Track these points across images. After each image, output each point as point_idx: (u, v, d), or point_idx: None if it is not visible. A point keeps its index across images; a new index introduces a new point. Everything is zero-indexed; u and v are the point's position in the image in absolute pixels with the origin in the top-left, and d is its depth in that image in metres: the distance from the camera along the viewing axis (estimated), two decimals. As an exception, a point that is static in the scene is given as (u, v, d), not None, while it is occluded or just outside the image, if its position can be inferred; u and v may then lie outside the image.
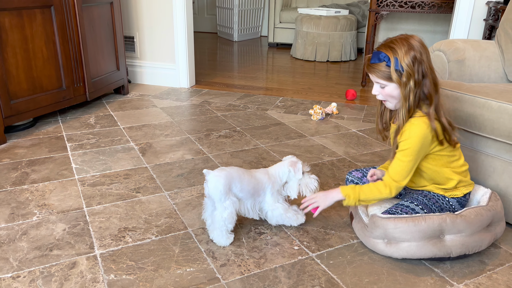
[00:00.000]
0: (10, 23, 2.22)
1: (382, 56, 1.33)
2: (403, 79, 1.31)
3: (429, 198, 1.48)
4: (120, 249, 1.44)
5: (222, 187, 1.41)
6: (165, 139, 2.41)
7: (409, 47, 1.30)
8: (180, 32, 3.33)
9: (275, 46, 5.79)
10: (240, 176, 1.47)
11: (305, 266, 1.38)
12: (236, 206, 1.45)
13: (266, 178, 1.52)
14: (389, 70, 1.32)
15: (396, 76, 1.31)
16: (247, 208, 1.51)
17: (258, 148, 2.30)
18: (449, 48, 1.93)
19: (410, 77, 1.30)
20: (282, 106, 3.07)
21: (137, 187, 1.86)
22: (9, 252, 1.41)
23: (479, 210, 1.42)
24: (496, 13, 2.59)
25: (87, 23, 2.70)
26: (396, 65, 1.31)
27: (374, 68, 1.35)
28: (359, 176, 1.69)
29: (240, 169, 1.51)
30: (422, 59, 1.31)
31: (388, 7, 3.54)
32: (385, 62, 1.32)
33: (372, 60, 1.36)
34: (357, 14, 5.20)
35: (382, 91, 1.38)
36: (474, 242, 1.40)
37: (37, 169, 2.00)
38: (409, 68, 1.30)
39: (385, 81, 1.35)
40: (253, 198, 1.51)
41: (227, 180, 1.43)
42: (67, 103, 2.65)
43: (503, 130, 1.50)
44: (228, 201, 1.42)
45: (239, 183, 1.46)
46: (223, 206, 1.42)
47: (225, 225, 1.43)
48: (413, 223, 1.37)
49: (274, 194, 1.53)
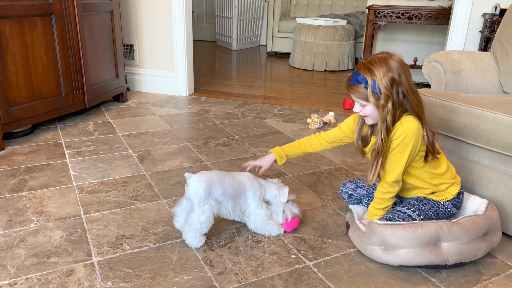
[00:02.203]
0: (11, 30, 2.23)
1: (360, 78, 1.34)
2: (381, 102, 1.32)
3: (425, 203, 1.51)
4: (117, 256, 1.44)
5: (202, 192, 1.44)
6: (163, 146, 2.42)
7: (387, 69, 1.31)
8: (179, 40, 3.36)
9: (274, 55, 5.83)
10: (221, 179, 1.50)
11: (302, 274, 1.38)
12: (215, 210, 1.48)
13: (249, 183, 1.55)
14: (366, 92, 1.33)
15: (374, 99, 1.32)
16: (228, 210, 1.54)
17: (256, 157, 2.31)
18: (446, 59, 1.96)
19: (388, 99, 1.31)
20: (280, 114, 3.09)
21: (135, 194, 1.86)
22: (6, 259, 1.41)
23: (475, 218, 1.43)
24: (492, 25, 2.62)
25: (87, 31, 2.72)
26: (373, 87, 1.31)
27: (353, 89, 1.37)
28: (353, 187, 1.72)
29: (222, 172, 1.54)
30: (401, 80, 1.32)
31: (385, 18, 3.58)
32: (363, 84, 1.33)
33: (351, 81, 1.37)
34: (355, 24, 5.25)
35: (363, 109, 1.40)
36: (470, 250, 1.41)
37: (35, 176, 2.01)
38: (387, 90, 1.31)
39: (364, 101, 1.36)
40: (234, 201, 1.53)
41: (208, 184, 1.46)
42: (66, 110, 2.66)
43: (499, 141, 1.52)
44: (207, 206, 1.46)
45: (220, 187, 1.49)
46: (202, 210, 1.45)
47: (201, 228, 1.46)
48: (410, 229, 1.38)
49: (257, 199, 1.56)
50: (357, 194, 1.70)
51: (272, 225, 1.57)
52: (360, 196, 1.70)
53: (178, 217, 1.54)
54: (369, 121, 1.44)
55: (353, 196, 1.71)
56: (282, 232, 1.59)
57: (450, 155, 1.73)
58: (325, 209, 1.79)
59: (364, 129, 1.52)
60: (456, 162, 1.72)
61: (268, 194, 1.58)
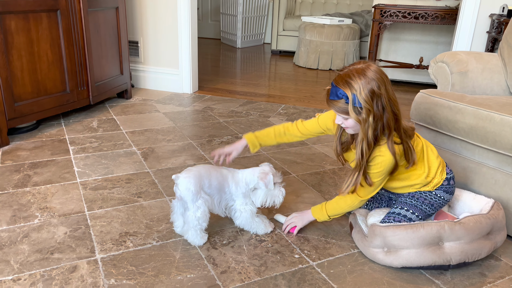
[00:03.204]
0: (16, 26, 2.23)
1: (340, 93, 1.30)
2: (363, 116, 1.29)
3: (417, 198, 1.51)
4: (121, 253, 1.44)
5: (193, 187, 1.44)
6: (167, 144, 2.42)
7: (366, 81, 1.27)
8: (184, 37, 3.35)
9: (278, 53, 5.82)
10: (207, 172, 1.50)
11: (306, 274, 1.38)
12: (209, 203, 1.48)
13: (230, 177, 1.53)
14: (347, 107, 1.29)
15: (355, 114, 1.29)
16: (214, 204, 1.52)
17: (260, 155, 2.30)
18: (452, 60, 1.95)
19: (369, 112, 1.29)
20: (284, 113, 3.08)
21: (139, 191, 1.86)
22: (10, 255, 1.41)
23: (478, 218, 1.43)
24: (499, 26, 2.60)
25: (93, 27, 2.72)
26: (354, 102, 1.28)
27: (333, 104, 1.33)
28: None
29: (207, 166, 1.54)
30: (380, 92, 1.28)
31: (391, 17, 3.56)
32: (344, 100, 1.30)
33: (330, 97, 1.33)
34: (360, 23, 5.23)
35: (345, 122, 1.37)
36: (473, 250, 1.40)
37: (39, 171, 2.01)
38: (368, 104, 1.27)
39: (345, 115, 1.33)
40: (220, 194, 1.52)
41: (197, 179, 1.45)
42: (71, 107, 2.66)
43: (506, 143, 1.50)
44: (200, 200, 1.45)
45: (207, 180, 1.48)
46: (196, 206, 1.44)
47: (199, 224, 1.45)
48: (411, 230, 1.38)
49: (240, 195, 1.53)
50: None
51: (258, 223, 1.56)
52: None
53: (176, 222, 1.54)
54: (350, 131, 1.42)
55: None
56: (269, 231, 1.58)
57: (456, 156, 1.72)
58: (329, 209, 1.79)
59: (344, 134, 1.51)
60: (462, 164, 1.71)
61: (250, 183, 1.53)
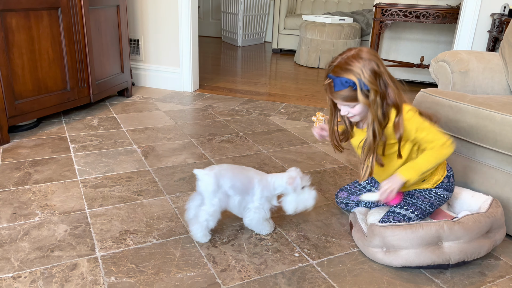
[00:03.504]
0: (17, 23, 2.23)
1: (345, 81, 1.30)
2: (371, 97, 1.30)
3: (417, 196, 1.51)
4: (121, 251, 1.44)
5: (212, 186, 1.45)
6: (167, 142, 2.42)
7: (365, 63, 1.29)
8: (185, 36, 3.35)
9: (279, 52, 5.82)
10: (231, 173, 1.49)
11: (306, 273, 1.38)
12: (223, 204, 1.49)
13: (257, 180, 1.51)
14: (355, 92, 1.30)
15: (363, 98, 1.30)
16: (235, 204, 1.52)
17: (261, 154, 2.30)
18: (453, 59, 1.94)
19: (376, 93, 1.30)
20: (285, 112, 3.08)
21: (139, 190, 1.86)
22: (10, 252, 1.41)
23: (477, 217, 1.42)
24: (500, 25, 2.60)
25: (93, 25, 2.72)
26: (361, 86, 1.29)
27: (339, 95, 1.33)
28: (345, 195, 1.73)
29: (232, 166, 1.53)
30: (380, 71, 1.31)
31: (392, 16, 3.56)
32: (351, 87, 1.30)
33: (336, 88, 1.33)
34: (362, 22, 5.22)
35: (352, 110, 1.37)
36: (472, 249, 1.40)
37: (40, 169, 2.01)
38: (373, 84, 1.29)
39: (352, 102, 1.34)
40: (242, 195, 1.51)
41: (216, 178, 1.46)
42: (71, 105, 2.66)
43: (506, 143, 1.50)
44: (217, 199, 1.46)
45: (229, 180, 1.48)
46: (211, 203, 1.46)
47: (207, 221, 1.46)
48: (410, 230, 1.38)
49: (263, 198, 1.52)
50: (352, 202, 1.71)
51: (265, 226, 1.56)
52: (356, 202, 1.71)
53: (189, 210, 1.55)
54: (356, 118, 1.42)
55: (349, 204, 1.73)
56: (271, 231, 1.58)
57: (456, 155, 1.72)
58: (329, 208, 1.79)
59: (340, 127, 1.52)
60: (462, 163, 1.71)
61: (278, 189, 1.52)
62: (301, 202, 1.51)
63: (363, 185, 1.72)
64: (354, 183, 1.75)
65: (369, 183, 1.71)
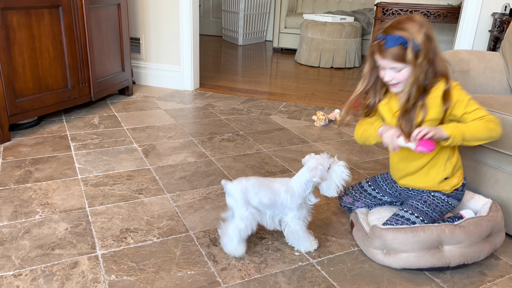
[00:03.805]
0: (18, 22, 2.23)
1: (398, 38, 1.26)
2: (419, 60, 1.27)
3: (429, 203, 1.47)
4: (121, 250, 1.45)
5: (239, 200, 1.40)
6: (168, 141, 2.42)
7: (419, 25, 1.27)
8: (185, 34, 3.35)
9: (280, 51, 5.81)
10: (257, 188, 1.42)
11: (306, 272, 1.38)
12: (257, 217, 1.42)
13: (283, 191, 1.42)
14: (405, 52, 1.26)
15: (412, 57, 1.26)
16: (267, 220, 1.46)
17: (261, 153, 2.31)
18: (454, 58, 1.94)
19: (425, 56, 1.27)
20: (285, 111, 3.08)
21: (140, 188, 1.87)
22: (11, 250, 1.42)
23: (478, 221, 1.42)
24: (501, 25, 2.60)
25: (94, 23, 2.72)
26: (414, 45, 1.26)
27: (389, 53, 1.28)
28: (350, 201, 1.68)
29: (259, 181, 1.44)
30: (432, 36, 1.29)
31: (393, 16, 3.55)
32: (403, 45, 1.26)
33: (388, 45, 1.28)
34: (362, 21, 5.22)
35: (397, 75, 1.32)
36: (473, 253, 1.40)
37: (40, 167, 2.01)
38: (425, 46, 1.26)
39: (401, 63, 1.29)
40: (272, 210, 1.44)
41: (243, 193, 1.40)
42: (72, 103, 2.66)
43: (506, 142, 1.50)
44: (247, 213, 1.40)
45: (256, 196, 1.41)
46: (241, 218, 1.40)
47: (239, 235, 1.40)
48: (411, 234, 1.36)
49: (294, 208, 1.43)
50: (357, 207, 1.67)
51: (305, 239, 1.46)
52: (360, 208, 1.66)
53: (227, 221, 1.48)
54: (399, 88, 1.35)
55: (352, 208, 1.68)
56: (312, 250, 1.48)
57: (457, 155, 1.72)
58: (329, 207, 1.79)
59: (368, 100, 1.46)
60: (463, 163, 1.70)
61: (308, 187, 1.42)
62: (336, 181, 1.40)
63: (368, 191, 1.66)
64: (359, 187, 1.69)
65: (375, 190, 1.65)
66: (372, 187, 1.66)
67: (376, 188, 1.66)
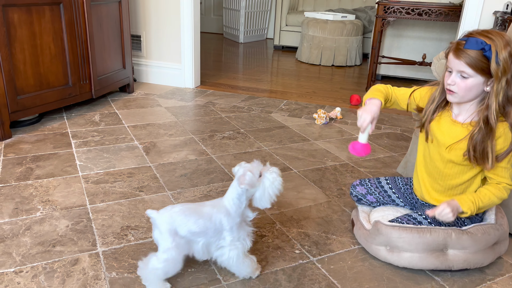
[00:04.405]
0: (19, 19, 2.23)
1: (481, 43, 1.19)
2: (498, 74, 1.19)
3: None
4: (122, 247, 1.45)
5: (165, 232, 1.21)
6: (169, 138, 2.42)
7: (507, 42, 1.19)
8: (187, 32, 3.35)
9: (281, 49, 5.81)
10: (182, 216, 1.23)
11: (306, 270, 1.38)
12: (184, 249, 1.24)
13: (215, 213, 1.25)
14: (483, 60, 1.19)
15: (496, 67, 1.18)
16: (199, 250, 1.27)
17: (262, 151, 2.31)
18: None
19: (505, 73, 1.19)
20: (286, 109, 3.08)
21: (141, 186, 1.87)
22: (12, 247, 1.42)
23: (487, 228, 1.39)
24: (503, 23, 2.59)
25: (95, 21, 2.71)
26: (496, 56, 1.18)
27: (467, 54, 1.20)
28: (363, 192, 1.62)
29: (184, 207, 1.27)
30: None
31: (395, 14, 3.55)
32: (483, 51, 1.19)
33: (467, 46, 1.20)
34: (364, 19, 5.21)
35: (461, 83, 1.24)
36: (476, 259, 1.39)
37: (41, 165, 2.02)
38: (506, 63, 1.18)
39: (473, 70, 1.21)
40: (205, 238, 1.26)
41: (169, 223, 1.22)
42: (73, 100, 2.66)
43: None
44: (173, 244, 1.21)
45: (184, 226, 1.22)
46: (164, 250, 1.21)
47: (161, 269, 1.21)
48: (418, 234, 1.35)
49: (234, 229, 1.26)
50: (367, 200, 1.63)
51: (247, 266, 1.30)
52: (369, 202, 1.63)
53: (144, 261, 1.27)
54: (455, 98, 1.28)
55: (362, 201, 1.64)
56: (254, 277, 1.33)
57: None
58: (330, 205, 1.79)
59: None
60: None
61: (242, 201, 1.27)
62: (270, 189, 1.24)
63: (385, 188, 1.61)
64: (376, 182, 1.63)
65: (392, 189, 1.61)
66: (390, 185, 1.62)
67: (393, 188, 1.62)
